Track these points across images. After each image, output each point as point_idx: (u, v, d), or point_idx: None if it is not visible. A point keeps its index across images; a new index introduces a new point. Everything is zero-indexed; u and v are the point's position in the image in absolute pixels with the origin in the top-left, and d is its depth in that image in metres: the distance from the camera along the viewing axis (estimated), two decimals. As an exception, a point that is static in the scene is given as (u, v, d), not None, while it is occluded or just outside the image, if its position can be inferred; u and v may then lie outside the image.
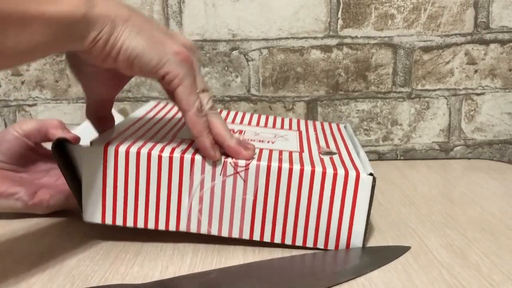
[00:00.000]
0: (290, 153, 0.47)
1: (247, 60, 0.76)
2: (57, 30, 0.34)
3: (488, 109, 0.78)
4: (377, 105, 0.78)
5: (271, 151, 0.46)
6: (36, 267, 0.42)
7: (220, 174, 0.43)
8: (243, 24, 0.75)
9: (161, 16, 0.74)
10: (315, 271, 0.42)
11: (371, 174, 0.43)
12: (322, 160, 0.45)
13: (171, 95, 0.41)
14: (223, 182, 0.44)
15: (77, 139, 0.49)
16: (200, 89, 0.42)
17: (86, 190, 0.44)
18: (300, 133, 0.55)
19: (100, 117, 0.48)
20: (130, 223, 0.45)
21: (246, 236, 0.45)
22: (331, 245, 0.44)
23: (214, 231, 0.45)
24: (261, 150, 0.46)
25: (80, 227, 0.49)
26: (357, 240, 0.44)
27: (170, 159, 0.43)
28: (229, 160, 0.43)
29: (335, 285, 0.39)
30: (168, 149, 0.44)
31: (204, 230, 0.45)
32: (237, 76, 0.76)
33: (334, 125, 0.61)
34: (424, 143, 0.79)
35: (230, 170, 0.43)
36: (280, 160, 0.44)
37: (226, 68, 0.76)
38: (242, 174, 0.43)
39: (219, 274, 0.40)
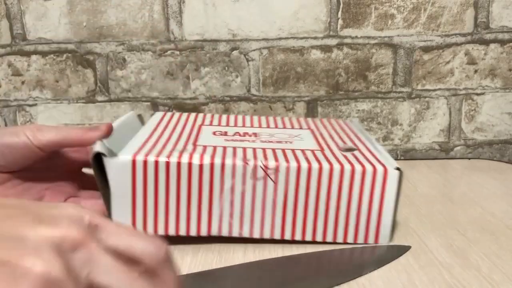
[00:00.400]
0: (313, 152, 0.47)
1: (247, 60, 0.76)
2: None
3: (488, 109, 0.78)
4: (377, 105, 0.78)
5: (294, 151, 0.47)
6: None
7: (251, 178, 0.44)
8: (243, 24, 0.75)
9: (161, 16, 0.74)
10: (318, 270, 0.42)
11: (397, 169, 0.44)
12: (346, 157, 0.46)
13: None
14: (254, 185, 0.44)
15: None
16: None
17: (115, 200, 0.44)
18: (312, 131, 0.56)
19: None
20: (161, 231, 0.45)
21: (277, 236, 0.45)
22: (360, 239, 0.45)
23: (246, 233, 0.45)
24: (284, 151, 0.47)
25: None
26: (385, 233, 0.45)
27: (201, 166, 0.43)
28: (260, 163, 0.44)
29: (336, 285, 0.39)
30: (196, 157, 0.44)
31: (235, 233, 0.45)
32: (237, 76, 0.76)
33: (341, 121, 0.62)
34: (424, 143, 0.79)
35: (260, 173, 0.44)
36: (308, 160, 0.45)
37: (226, 68, 0.76)
38: (273, 176, 0.44)
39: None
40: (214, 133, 0.53)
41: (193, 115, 0.61)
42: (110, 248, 0.26)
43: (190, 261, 0.43)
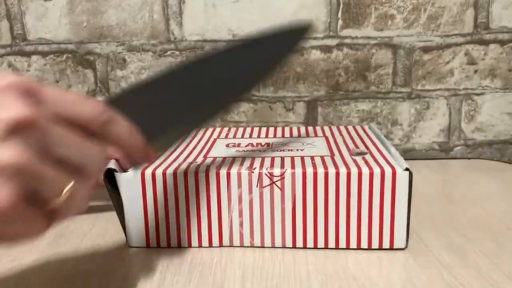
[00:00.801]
0: (322, 158, 0.47)
1: (247, 60, 0.76)
2: None
3: (488, 109, 0.78)
4: (377, 105, 0.78)
5: (302, 158, 0.47)
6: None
7: (257, 186, 0.44)
8: (243, 24, 0.75)
9: (161, 17, 0.75)
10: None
11: (407, 169, 0.43)
12: (355, 161, 0.45)
13: None
14: (261, 194, 0.44)
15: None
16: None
17: (128, 216, 0.45)
18: (327, 138, 0.56)
19: None
20: (174, 244, 0.45)
21: (289, 244, 0.45)
22: (375, 245, 0.44)
23: (257, 243, 0.45)
24: (292, 158, 0.47)
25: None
26: (400, 237, 0.44)
27: (207, 175, 0.44)
28: (265, 170, 0.43)
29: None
30: (203, 167, 0.44)
31: (247, 243, 0.45)
32: (237, 76, 0.76)
33: (358, 127, 0.61)
34: (424, 143, 0.79)
35: (266, 181, 0.43)
36: (314, 165, 0.44)
37: (226, 68, 0.76)
38: (279, 183, 0.43)
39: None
40: (227, 145, 0.53)
41: (210, 129, 0.61)
42: (58, 118, 0.26)
43: (191, 261, 0.43)
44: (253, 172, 0.43)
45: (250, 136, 0.58)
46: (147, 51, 0.76)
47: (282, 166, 0.44)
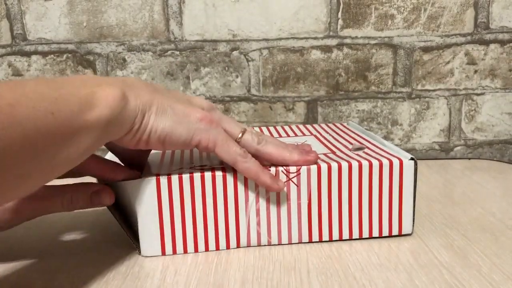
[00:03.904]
0: (326, 155, 0.48)
1: (247, 60, 0.76)
2: (99, 133, 0.35)
3: (488, 109, 0.78)
4: (377, 105, 0.78)
5: None
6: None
7: None
8: (243, 24, 0.75)
9: (161, 17, 0.75)
10: None
11: (412, 159, 0.45)
12: (360, 155, 0.47)
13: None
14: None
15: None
16: (238, 135, 0.43)
17: (142, 224, 0.44)
18: (316, 136, 0.57)
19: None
20: (191, 250, 0.45)
21: (305, 239, 0.46)
22: (385, 232, 0.47)
23: (274, 241, 0.46)
24: None
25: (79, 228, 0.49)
26: (407, 223, 0.47)
27: (224, 177, 0.44)
28: (281, 168, 0.44)
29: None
30: (218, 169, 0.44)
31: (264, 241, 0.46)
32: (237, 76, 0.77)
33: (339, 125, 0.62)
34: (424, 143, 0.79)
35: (282, 177, 0.44)
36: (325, 161, 0.45)
37: (226, 68, 0.76)
38: (295, 179, 0.44)
39: None
40: None
41: None
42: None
43: (191, 261, 0.43)
44: (269, 169, 0.44)
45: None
46: (147, 51, 0.76)
47: None
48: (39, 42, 0.75)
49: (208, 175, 0.43)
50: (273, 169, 0.44)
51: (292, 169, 0.44)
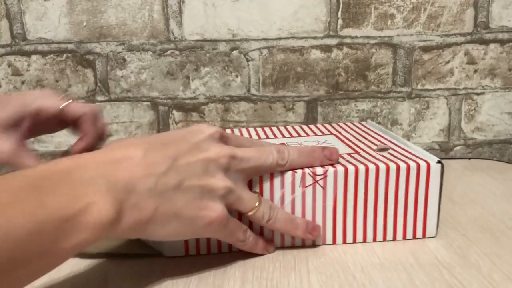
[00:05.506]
0: (350, 155, 0.47)
1: (247, 60, 0.76)
2: (100, 233, 0.32)
3: (488, 108, 0.78)
4: (377, 104, 0.78)
5: None
6: None
7: (299, 186, 0.44)
8: (243, 24, 0.75)
9: (161, 16, 0.75)
10: None
11: (439, 162, 0.45)
12: (385, 157, 0.46)
13: None
14: (303, 193, 0.44)
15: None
16: (251, 210, 0.41)
17: None
18: (337, 136, 0.56)
19: None
20: (214, 250, 0.44)
21: (329, 241, 0.46)
22: (409, 235, 0.46)
23: (298, 242, 0.45)
24: None
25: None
26: (431, 227, 0.46)
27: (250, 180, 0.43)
28: (307, 170, 0.43)
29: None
30: None
31: (288, 243, 0.45)
32: (237, 76, 0.77)
33: (357, 124, 0.62)
34: (424, 142, 0.79)
35: (309, 180, 0.44)
36: (351, 163, 0.45)
37: (226, 68, 0.76)
38: (321, 182, 0.44)
39: None
40: None
41: None
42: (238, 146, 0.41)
43: (191, 261, 0.43)
44: (296, 172, 0.43)
45: (250, 136, 0.58)
46: (147, 51, 0.76)
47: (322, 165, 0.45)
48: (39, 42, 0.75)
49: None
50: (299, 171, 0.43)
51: (319, 171, 0.43)
